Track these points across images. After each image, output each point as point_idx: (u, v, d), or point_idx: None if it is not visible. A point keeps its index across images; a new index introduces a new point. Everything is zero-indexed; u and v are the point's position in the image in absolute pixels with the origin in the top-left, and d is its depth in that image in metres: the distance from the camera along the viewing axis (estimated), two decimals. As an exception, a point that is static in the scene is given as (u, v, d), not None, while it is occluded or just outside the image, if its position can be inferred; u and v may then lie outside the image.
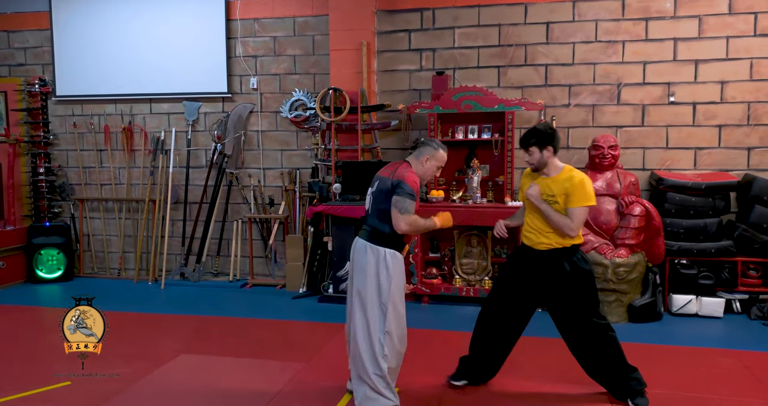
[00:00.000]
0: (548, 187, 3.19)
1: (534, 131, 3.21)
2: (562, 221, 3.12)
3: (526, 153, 3.23)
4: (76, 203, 6.82)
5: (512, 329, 3.41)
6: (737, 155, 5.34)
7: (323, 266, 5.93)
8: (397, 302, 3.12)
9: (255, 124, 6.36)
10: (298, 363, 3.94)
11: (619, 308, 4.85)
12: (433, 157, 3.22)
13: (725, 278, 5.02)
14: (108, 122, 6.68)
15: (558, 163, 3.23)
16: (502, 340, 3.42)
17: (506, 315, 3.36)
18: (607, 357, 3.27)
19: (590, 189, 3.14)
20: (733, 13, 5.26)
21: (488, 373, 3.53)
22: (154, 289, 6.21)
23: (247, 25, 6.27)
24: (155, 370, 3.82)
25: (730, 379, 3.67)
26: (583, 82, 5.57)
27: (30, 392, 3.46)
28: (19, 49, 6.86)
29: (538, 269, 3.25)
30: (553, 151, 3.20)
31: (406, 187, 3.08)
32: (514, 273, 3.37)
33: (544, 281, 3.25)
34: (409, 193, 3.08)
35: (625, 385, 3.27)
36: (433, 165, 3.23)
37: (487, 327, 3.43)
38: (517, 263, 3.39)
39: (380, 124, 5.83)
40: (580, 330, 3.27)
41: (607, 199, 5.04)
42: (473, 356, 3.50)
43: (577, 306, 3.22)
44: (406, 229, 3.10)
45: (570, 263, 3.18)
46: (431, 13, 5.83)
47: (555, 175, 3.20)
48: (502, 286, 3.41)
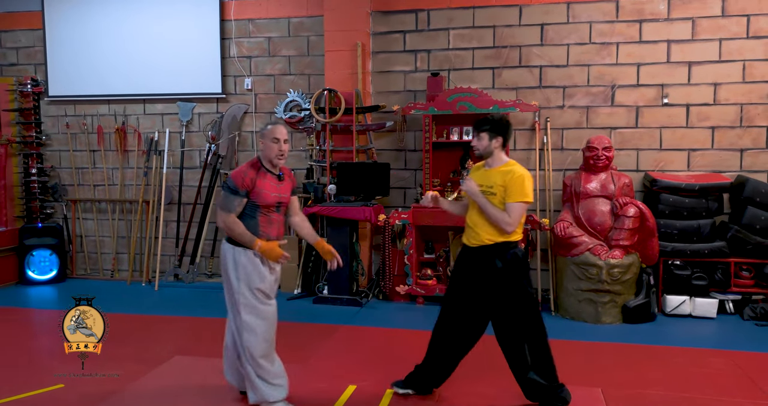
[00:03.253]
0: (488, 178, 3.16)
1: (490, 119, 3.20)
2: (498, 215, 3.06)
3: (476, 137, 3.20)
4: (68, 204, 6.78)
5: (465, 334, 3.26)
6: (730, 157, 5.38)
7: (318, 267, 5.91)
8: (249, 296, 3.07)
9: (249, 125, 6.34)
10: (294, 364, 3.89)
11: (613, 308, 4.87)
12: (264, 137, 3.10)
13: (718, 279, 5.06)
14: (101, 123, 6.64)
15: (503, 157, 3.21)
16: (454, 346, 3.28)
17: (457, 319, 3.24)
18: (535, 364, 3.14)
19: (529, 186, 3.08)
20: (726, 15, 5.29)
21: (434, 381, 3.38)
22: (148, 290, 6.18)
23: (242, 25, 6.26)
24: (150, 372, 3.80)
25: (723, 379, 3.69)
26: (578, 84, 5.59)
27: (24, 395, 3.43)
28: (11, 48, 6.82)
29: (474, 266, 3.19)
30: (502, 143, 3.18)
31: (229, 182, 3.05)
32: (457, 274, 3.30)
33: (479, 278, 3.16)
34: (230, 188, 3.04)
35: (551, 396, 3.15)
36: (268, 144, 3.08)
37: (440, 333, 3.31)
38: (459, 263, 3.33)
39: (375, 126, 5.83)
40: (512, 331, 3.15)
41: (602, 201, 5.06)
42: (426, 363, 3.36)
43: (508, 306, 3.12)
44: (222, 226, 3.09)
45: (502, 260, 3.09)
46: (426, 14, 5.84)
47: (497, 167, 3.18)
48: (450, 289, 3.33)
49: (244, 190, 3.04)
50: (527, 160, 5.69)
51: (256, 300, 3.09)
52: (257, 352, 3.08)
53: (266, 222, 3.13)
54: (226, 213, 3.05)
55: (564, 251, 5.04)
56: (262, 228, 3.11)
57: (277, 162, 3.13)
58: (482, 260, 3.15)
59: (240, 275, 3.07)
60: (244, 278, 3.07)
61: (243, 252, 3.08)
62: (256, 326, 3.09)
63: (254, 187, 3.05)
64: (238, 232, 3.04)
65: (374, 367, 3.81)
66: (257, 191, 3.06)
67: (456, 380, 3.48)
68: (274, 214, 3.16)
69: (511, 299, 3.11)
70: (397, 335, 4.65)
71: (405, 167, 6.00)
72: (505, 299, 3.12)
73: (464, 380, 3.53)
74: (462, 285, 3.25)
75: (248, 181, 3.04)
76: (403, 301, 5.56)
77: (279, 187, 3.16)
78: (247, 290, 3.08)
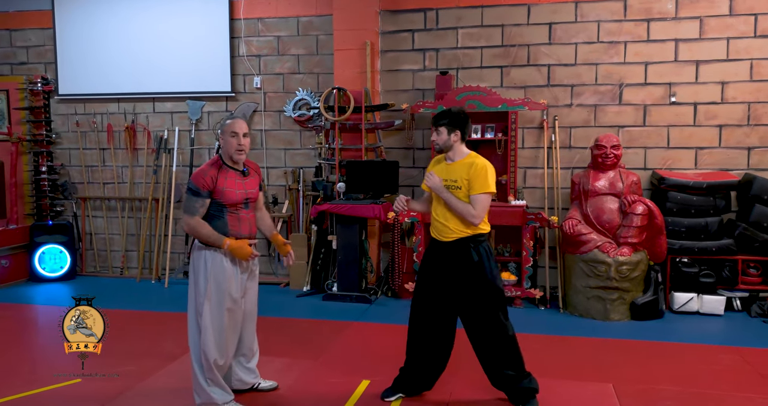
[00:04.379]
0: (450, 173, 3.15)
1: (448, 112, 3.18)
2: (465, 209, 3.05)
3: (435, 132, 3.18)
4: (78, 202, 6.82)
5: (440, 331, 3.22)
6: (738, 155, 5.41)
7: (327, 264, 5.95)
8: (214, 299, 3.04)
9: (259, 124, 6.38)
10: (306, 360, 3.97)
11: (621, 306, 4.91)
12: (223, 132, 3.07)
13: (726, 276, 5.09)
14: (111, 121, 6.68)
15: (463, 149, 3.20)
16: (432, 344, 3.24)
17: (431, 316, 3.21)
18: (505, 358, 3.14)
19: (492, 176, 3.07)
20: (733, 14, 5.32)
21: (423, 384, 3.34)
22: (158, 287, 6.23)
23: (251, 24, 6.29)
24: (164, 367, 3.85)
25: (733, 375, 3.72)
26: (585, 83, 5.62)
27: (40, 390, 3.48)
28: (22, 47, 6.86)
29: (447, 260, 3.15)
30: (461, 137, 3.17)
31: (190, 184, 3.00)
32: (427, 270, 3.25)
33: (452, 271, 3.14)
34: (191, 189, 2.99)
35: (519, 389, 3.16)
36: (227, 138, 3.04)
37: (416, 331, 3.27)
38: (428, 257, 3.28)
39: (384, 124, 5.87)
40: (483, 325, 3.13)
41: (610, 198, 5.09)
42: (408, 364, 3.32)
43: (483, 298, 3.10)
44: (187, 230, 3.04)
45: (477, 252, 3.09)
46: (434, 13, 5.87)
47: (459, 160, 3.16)
48: (420, 286, 3.29)
49: (206, 191, 2.98)
50: (535, 159, 5.73)
51: (221, 305, 3.05)
52: (212, 355, 3.05)
53: (235, 220, 3.07)
54: (189, 216, 3.00)
55: (572, 249, 5.07)
56: (232, 227, 3.05)
57: (237, 157, 3.06)
58: (456, 253, 3.12)
59: (209, 277, 3.02)
60: (213, 281, 3.03)
61: (213, 254, 3.03)
62: (215, 330, 3.06)
63: (216, 187, 2.99)
64: (204, 233, 2.99)
65: (387, 363, 3.83)
66: (220, 190, 3.00)
67: (466, 378, 3.52)
68: (242, 211, 3.10)
69: (485, 292, 3.10)
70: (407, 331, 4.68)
71: (413, 165, 6.04)
72: (478, 292, 3.10)
73: (476, 375, 3.56)
74: (433, 280, 3.20)
75: (209, 181, 2.97)
76: (409, 298, 5.58)
77: (244, 183, 3.10)
78: (215, 292, 3.03)
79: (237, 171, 3.11)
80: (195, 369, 3.12)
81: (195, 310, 3.11)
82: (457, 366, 3.60)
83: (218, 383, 3.12)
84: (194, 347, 3.13)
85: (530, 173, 5.78)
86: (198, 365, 3.11)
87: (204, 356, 3.07)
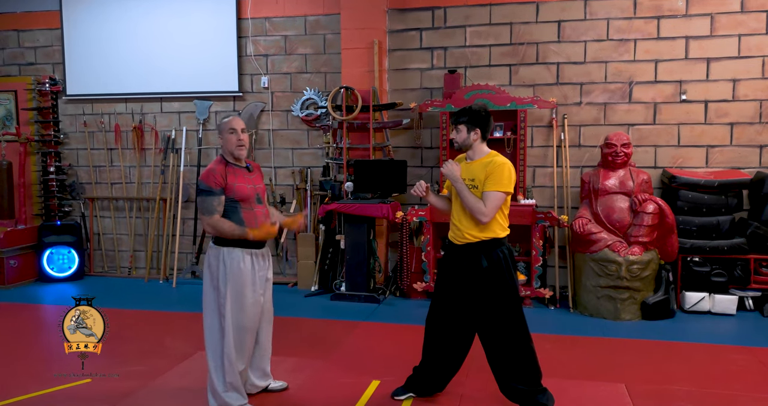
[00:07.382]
0: (469, 172, 3.07)
1: (468, 110, 3.08)
2: (475, 205, 2.95)
3: (454, 129, 3.11)
4: (86, 202, 6.83)
5: (457, 333, 3.15)
6: (749, 153, 5.36)
7: (335, 264, 5.94)
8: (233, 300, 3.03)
9: (266, 123, 6.37)
10: (316, 360, 3.95)
11: (632, 305, 4.87)
12: (221, 132, 3.09)
13: (738, 276, 5.05)
14: (118, 121, 6.69)
15: (484, 148, 3.11)
16: (448, 345, 3.17)
17: (448, 317, 3.15)
18: (516, 369, 3.03)
19: (508, 175, 2.97)
20: (745, 11, 5.27)
21: (436, 385, 3.30)
22: (166, 287, 6.23)
23: (258, 24, 6.28)
24: (175, 367, 3.84)
25: (746, 375, 3.69)
26: (595, 81, 5.58)
27: (52, 389, 3.48)
28: (30, 48, 6.87)
29: (459, 264, 3.09)
30: (481, 135, 3.08)
31: (201, 185, 2.99)
32: (444, 272, 3.20)
33: (464, 276, 3.06)
34: (204, 190, 2.98)
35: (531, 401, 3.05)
36: (226, 136, 3.06)
37: (432, 331, 3.22)
38: (445, 260, 3.25)
39: (392, 123, 5.85)
40: (494, 333, 3.03)
41: (620, 197, 5.05)
42: (423, 364, 3.28)
43: (494, 306, 3.00)
44: (209, 230, 3.02)
45: (488, 258, 2.98)
46: (443, 11, 5.84)
47: (478, 159, 3.09)
48: (438, 287, 3.23)
49: (219, 188, 2.98)
50: (545, 157, 5.70)
51: (241, 305, 3.04)
52: (233, 358, 3.04)
53: (251, 217, 3.07)
54: (208, 216, 2.98)
55: (583, 248, 5.04)
56: (248, 224, 3.05)
57: (238, 153, 3.07)
58: (467, 258, 3.04)
59: (229, 278, 3.01)
60: (232, 281, 3.02)
61: (230, 255, 3.02)
62: (236, 331, 3.05)
63: (227, 183, 3.00)
64: (227, 228, 2.97)
65: (397, 363, 3.82)
66: (231, 186, 3.00)
67: (478, 380, 3.50)
68: (256, 207, 3.11)
69: (496, 300, 3.00)
70: (417, 331, 4.59)
71: (421, 165, 6.01)
72: (489, 300, 3.00)
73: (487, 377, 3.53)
74: (449, 283, 3.15)
75: (219, 178, 2.98)
76: (420, 298, 5.57)
77: (252, 178, 3.13)
78: (235, 293, 3.02)
79: (242, 168, 3.14)
80: (212, 372, 3.09)
81: (217, 312, 3.07)
82: (469, 368, 3.56)
83: (236, 387, 3.09)
84: (214, 350, 3.08)
85: (539, 172, 5.74)
86: (216, 368, 3.08)
87: (227, 358, 3.04)
